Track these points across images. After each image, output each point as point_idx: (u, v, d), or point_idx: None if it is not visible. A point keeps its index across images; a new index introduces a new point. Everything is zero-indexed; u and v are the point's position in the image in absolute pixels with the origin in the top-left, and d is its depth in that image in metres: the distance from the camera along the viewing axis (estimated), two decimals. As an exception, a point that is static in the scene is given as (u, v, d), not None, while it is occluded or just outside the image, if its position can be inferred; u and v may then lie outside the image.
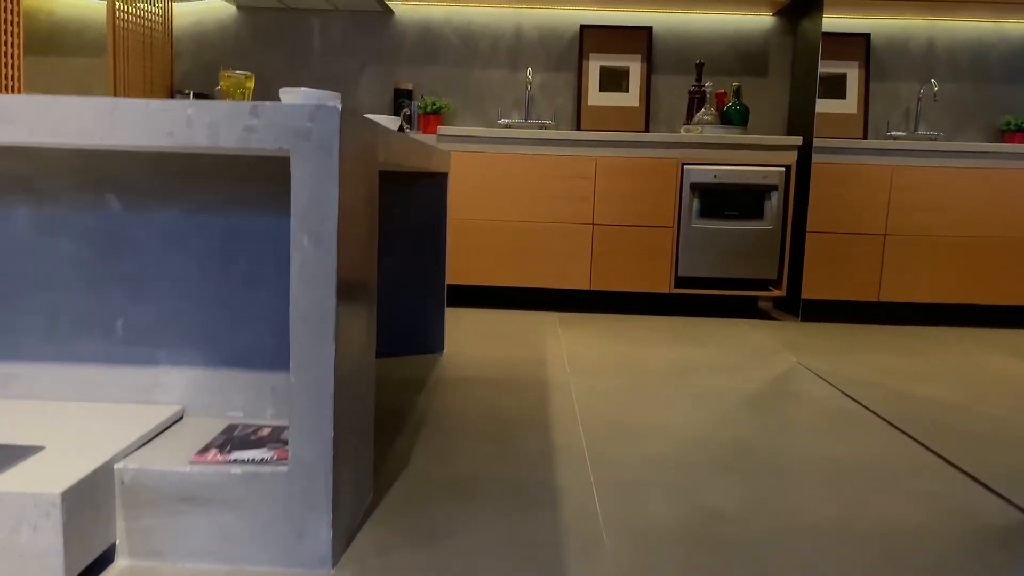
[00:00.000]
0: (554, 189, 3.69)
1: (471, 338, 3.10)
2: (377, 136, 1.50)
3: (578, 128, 4.17)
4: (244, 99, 1.60)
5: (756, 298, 3.84)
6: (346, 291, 1.25)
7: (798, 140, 3.66)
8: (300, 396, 1.21)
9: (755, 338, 3.28)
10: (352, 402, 1.33)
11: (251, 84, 1.60)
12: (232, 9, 4.19)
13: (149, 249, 1.45)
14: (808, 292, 3.73)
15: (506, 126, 4.20)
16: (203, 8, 4.20)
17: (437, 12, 4.17)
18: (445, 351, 2.84)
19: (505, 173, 3.68)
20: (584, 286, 3.75)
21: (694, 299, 4.02)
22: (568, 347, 2.99)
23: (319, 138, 1.17)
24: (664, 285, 3.73)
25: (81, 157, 1.42)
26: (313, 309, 1.19)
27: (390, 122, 2.32)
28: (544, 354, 2.86)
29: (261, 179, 1.44)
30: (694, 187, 3.68)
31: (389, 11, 4.14)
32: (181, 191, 1.44)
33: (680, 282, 3.77)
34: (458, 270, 3.75)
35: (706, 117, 3.84)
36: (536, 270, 3.74)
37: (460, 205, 3.71)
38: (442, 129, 3.68)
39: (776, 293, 3.74)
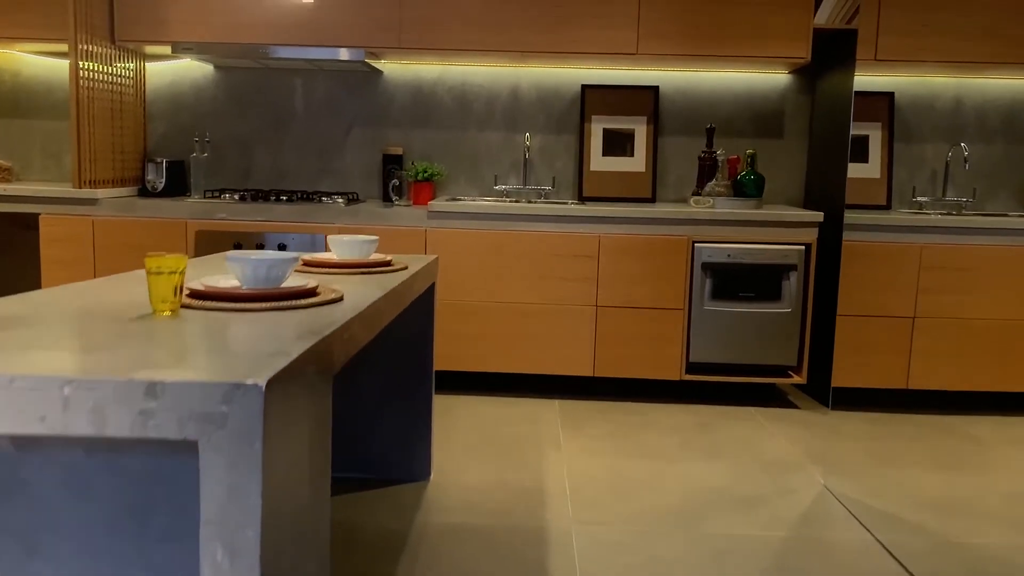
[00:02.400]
0: (555, 268, 3.41)
1: (462, 450, 2.81)
2: (334, 338, 1.22)
3: (580, 195, 3.89)
4: (173, 292, 1.31)
5: (774, 384, 3.56)
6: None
7: (819, 216, 3.37)
8: None
9: (775, 445, 2.99)
10: None
11: (183, 265, 1.32)
12: (209, 68, 3.92)
13: (47, 497, 1.17)
14: (835, 380, 3.44)
15: (503, 193, 3.92)
16: (178, 67, 3.93)
17: (429, 71, 3.90)
18: (432, 477, 2.56)
19: (502, 251, 3.40)
20: (587, 372, 3.46)
21: (707, 385, 3.74)
22: (570, 464, 2.70)
23: (237, 426, 0.89)
24: (674, 371, 3.45)
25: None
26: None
27: (362, 246, 2.04)
28: (543, 478, 2.57)
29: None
30: (706, 267, 3.39)
31: (377, 70, 3.87)
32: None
33: (691, 368, 3.48)
34: (452, 355, 3.47)
35: (718, 188, 3.56)
36: (536, 355, 3.46)
37: (453, 286, 3.43)
38: (433, 204, 3.40)
39: (796, 380, 3.45)
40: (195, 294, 1.44)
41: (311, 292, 1.49)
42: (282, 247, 3.41)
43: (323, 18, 3.50)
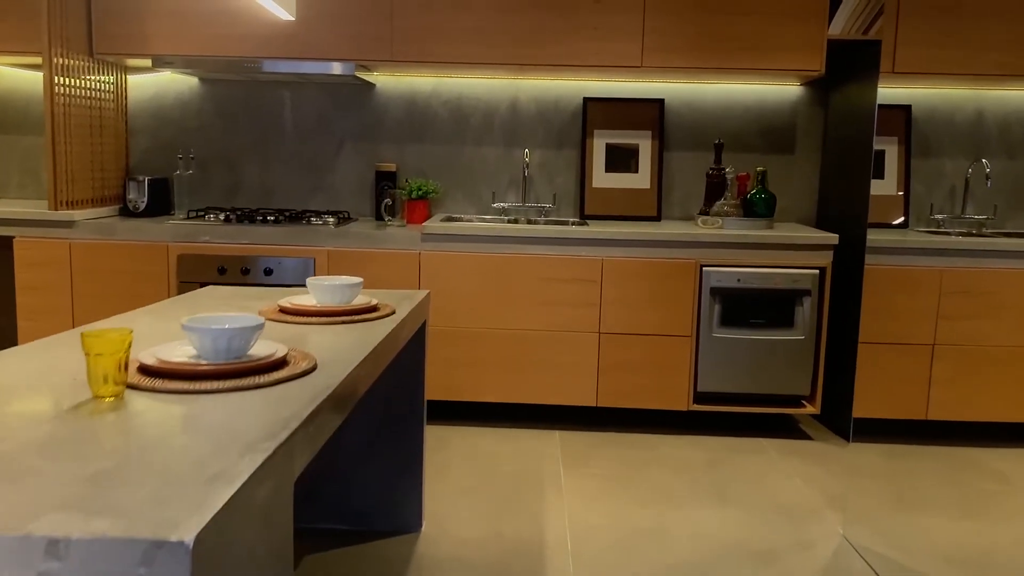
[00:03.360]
0: (556, 293, 3.24)
1: (456, 495, 2.64)
2: (298, 437, 1.05)
3: (582, 213, 3.71)
4: (117, 369, 1.15)
5: (785, 414, 3.38)
6: None
7: (834, 239, 3.20)
8: None
9: (790, 486, 2.82)
10: None
11: (127, 343, 1.15)
12: (194, 81, 3.75)
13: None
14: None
15: (502, 210, 3.75)
16: (161, 80, 3.76)
17: (423, 84, 3.72)
18: (423, 528, 2.39)
19: (499, 274, 3.23)
20: (590, 402, 3.29)
21: (716, 416, 3.57)
22: (572, 511, 2.54)
23: (157, 593, 0.72)
24: (681, 402, 3.28)
25: None
26: None
27: (343, 291, 1.87)
28: (543, 529, 2.40)
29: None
30: (715, 292, 3.22)
31: (369, 83, 3.69)
32: None
33: (699, 398, 3.31)
34: (447, 384, 3.31)
35: (726, 207, 3.39)
36: (536, 384, 3.29)
37: (448, 311, 3.26)
38: (428, 226, 3.23)
39: (810, 410, 3.28)
40: (145, 370, 1.27)
41: (279, 363, 1.33)
42: (268, 272, 3.24)
43: (311, 30, 3.33)
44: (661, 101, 3.69)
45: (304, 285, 3.24)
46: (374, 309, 1.90)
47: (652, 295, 3.23)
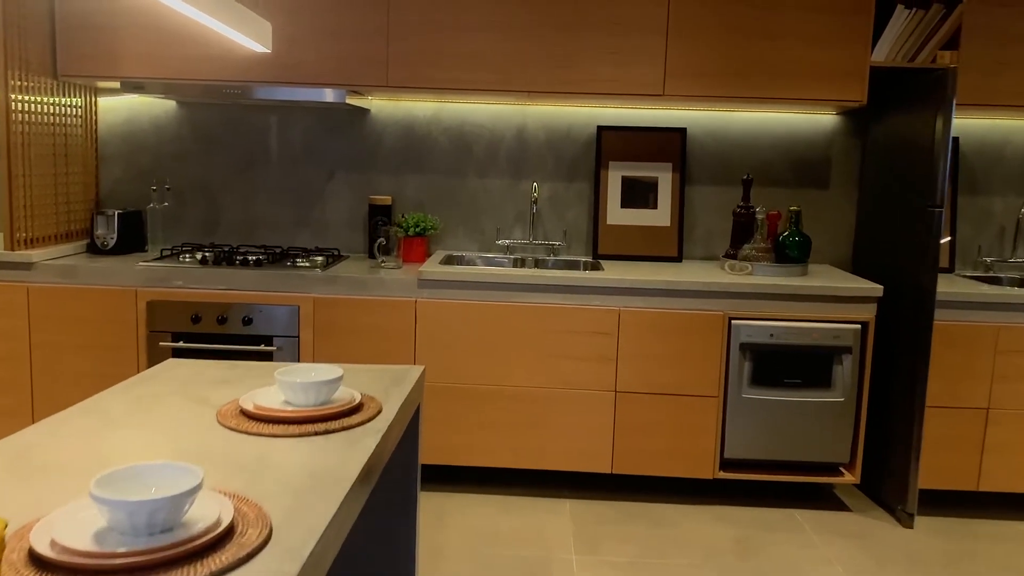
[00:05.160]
0: (567, 346, 2.91)
1: (457, 588, 2.31)
2: None
3: (595, 252, 3.38)
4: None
5: (821, 484, 3.05)
6: None
7: (878, 290, 2.87)
8: None
9: (831, 574, 2.49)
10: None
11: (3, 532, 0.83)
12: (171, 104, 3.42)
13: None
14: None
15: (507, 248, 3.42)
16: (135, 103, 3.43)
17: (422, 109, 3.39)
18: (418, 642, 2.06)
19: (504, 325, 2.90)
20: (605, 469, 2.96)
21: (744, 484, 3.23)
22: (587, 614, 2.20)
23: None
24: (706, 469, 2.94)
25: None
26: None
27: (319, 389, 1.54)
28: (555, 640, 2.07)
29: None
30: (745, 348, 2.89)
31: (362, 108, 3.37)
32: None
33: (726, 465, 2.98)
34: (445, 447, 2.97)
35: (756, 250, 3.06)
36: (544, 448, 2.95)
37: (447, 366, 2.93)
38: (425, 270, 2.90)
39: (849, 479, 2.95)
40: (38, 561, 0.93)
41: (223, 537, 0.99)
42: (247, 321, 2.91)
43: (298, 52, 3.00)
44: (683, 130, 3.36)
45: (287, 335, 2.91)
46: (357, 409, 1.57)
47: (675, 350, 2.90)
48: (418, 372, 1.91)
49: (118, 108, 3.43)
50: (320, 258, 3.19)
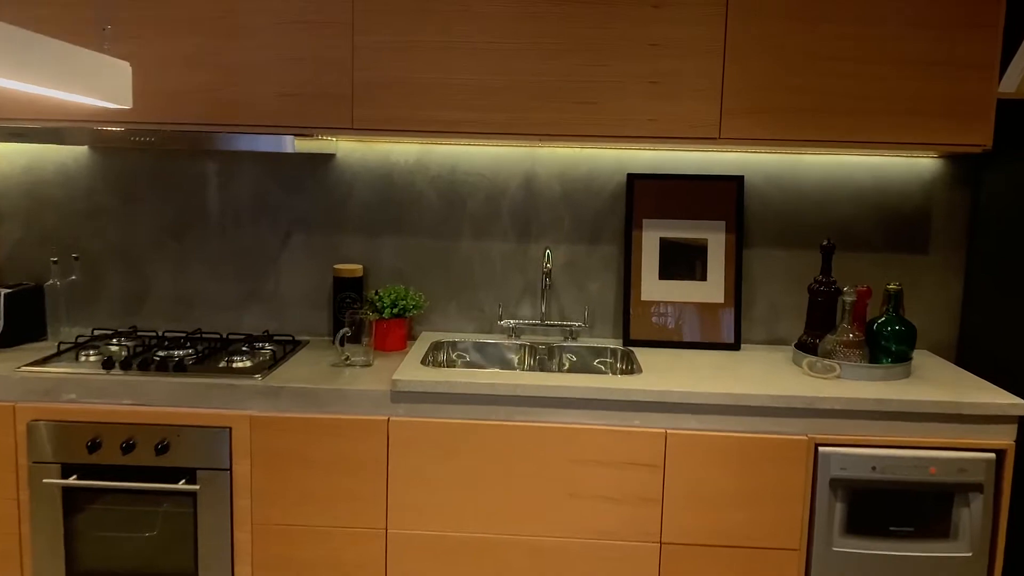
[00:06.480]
0: (592, 482, 2.14)
1: None
2: None
3: (626, 337, 2.62)
4: None
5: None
6: None
7: (1022, 406, 2.10)
8: None
9: None
10: None
11: None
12: (82, 150, 2.68)
13: None
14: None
15: (511, 330, 2.67)
16: (37, 150, 2.68)
17: (403, 152, 2.64)
18: None
19: (505, 452, 2.14)
20: (644, 643, 2.20)
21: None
22: None
23: None
24: (782, 645, 2.18)
25: None
26: None
27: None
28: None
29: None
30: (837, 484, 2.12)
31: (325, 154, 2.62)
32: None
33: (809, 639, 2.21)
34: (430, 614, 2.21)
35: (843, 344, 2.29)
36: (562, 613, 2.19)
37: (428, 511, 2.17)
38: (401, 380, 2.14)
39: (976, 659, 2.18)
40: None
41: None
42: (162, 449, 2.15)
43: (233, 83, 2.26)
44: (739, 179, 2.60)
45: (215, 468, 2.16)
46: None
47: (741, 487, 2.13)
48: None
49: (15, 154, 2.68)
50: (268, 351, 2.44)
